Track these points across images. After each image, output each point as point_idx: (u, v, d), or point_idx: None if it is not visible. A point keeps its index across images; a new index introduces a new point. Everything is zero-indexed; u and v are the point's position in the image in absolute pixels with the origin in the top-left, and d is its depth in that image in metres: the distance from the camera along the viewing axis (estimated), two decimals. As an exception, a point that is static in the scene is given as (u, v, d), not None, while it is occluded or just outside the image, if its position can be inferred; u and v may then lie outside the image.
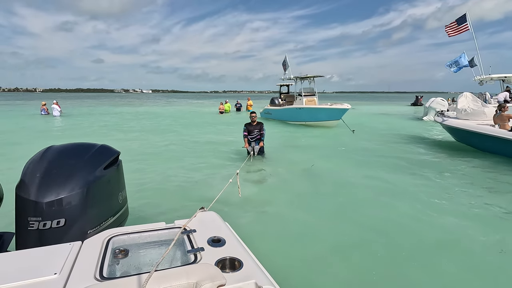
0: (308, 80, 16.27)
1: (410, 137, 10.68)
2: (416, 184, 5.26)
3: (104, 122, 16.08)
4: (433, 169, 6.16)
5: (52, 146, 2.08)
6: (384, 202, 4.35)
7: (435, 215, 3.85)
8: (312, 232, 3.44)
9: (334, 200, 4.51)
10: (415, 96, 38.90)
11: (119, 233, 1.43)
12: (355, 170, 6.25)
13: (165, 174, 5.74)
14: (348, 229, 3.50)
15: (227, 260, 1.21)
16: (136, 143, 9.25)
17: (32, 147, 1.89)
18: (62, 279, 1.08)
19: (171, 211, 3.75)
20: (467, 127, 7.58)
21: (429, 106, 18.19)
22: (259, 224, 3.65)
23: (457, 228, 3.53)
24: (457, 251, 3.04)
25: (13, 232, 1.87)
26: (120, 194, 2.21)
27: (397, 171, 6.05)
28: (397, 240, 3.24)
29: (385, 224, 3.60)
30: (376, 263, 2.75)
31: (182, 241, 1.39)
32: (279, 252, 2.95)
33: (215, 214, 1.71)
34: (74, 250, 1.30)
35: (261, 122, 7.05)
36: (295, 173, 6.01)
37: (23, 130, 12.56)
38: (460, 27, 13.49)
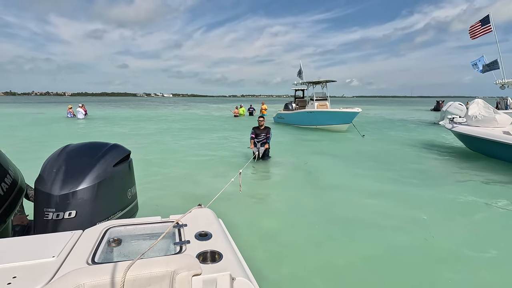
0: (320, 85, 16.35)
1: (420, 142, 10.53)
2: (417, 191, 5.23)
3: (122, 125, 16.88)
4: (438, 176, 6.14)
5: (69, 145, 2.28)
6: (380, 208, 4.38)
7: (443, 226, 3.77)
8: (298, 233, 3.58)
9: (331, 204, 4.61)
10: (435, 101, 37.70)
11: (117, 225, 1.53)
12: (356, 173, 6.33)
13: (172, 172, 6.06)
14: (343, 233, 3.55)
15: (208, 252, 1.26)
16: (149, 144, 9.71)
17: (53, 146, 2.19)
18: (58, 262, 1.19)
19: (171, 206, 4.04)
20: (476, 133, 7.44)
21: (446, 110, 17.72)
22: (254, 220, 3.86)
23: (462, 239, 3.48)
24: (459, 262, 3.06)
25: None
26: (130, 190, 2.33)
27: (401, 178, 6.01)
28: (388, 241, 3.34)
29: (380, 230, 3.64)
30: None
31: (172, 234, 1.46)
32: (266, 248, 3.11)
33: (209, 211, 1.75)
34: (74, 238, 1.41)
35: (268, 127, 7.32)
36: (296, 175, 6.18)
37: (50, 131, 13.49)
38: (482, 29, 13.16)
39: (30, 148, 8.75)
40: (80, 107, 20.94)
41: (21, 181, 2.26)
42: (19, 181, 2.22)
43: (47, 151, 2.22)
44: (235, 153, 8.27)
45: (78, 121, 18.78)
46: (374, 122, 19.71)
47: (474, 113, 8.09)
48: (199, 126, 16.41)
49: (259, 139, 7.18)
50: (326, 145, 10.55)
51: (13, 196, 2.08)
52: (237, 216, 3.84)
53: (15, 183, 2.13)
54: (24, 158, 5.77)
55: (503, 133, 7.01)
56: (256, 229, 3.61)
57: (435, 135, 12.92)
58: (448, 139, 11.49)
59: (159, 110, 33.54)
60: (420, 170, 6.68)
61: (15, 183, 2.13)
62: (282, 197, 4.81)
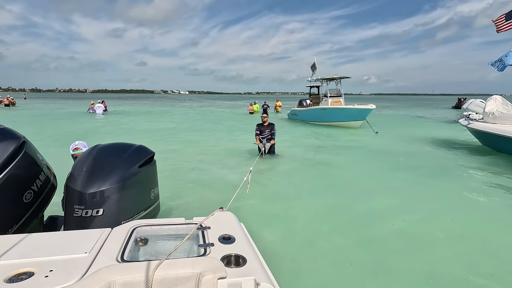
0: (335, 81, 16.24)
1: (437, 140, 10.31)
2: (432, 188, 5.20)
3: (138, 121, 17.46)
4: (453, 174, 6.05)
5: (98, 145, 2.39)
6: (395, 205, 4.36)
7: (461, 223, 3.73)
8: (318, 232, 3.51)
9: (344, 199, 4.57)
10: (457, 98, 36.37)
11: (143, 224, 1.59)
12: (369, 169, 6.37)
13: (186, 171, 6.18)
14: (357, 229, 3.51)
15: (233, 256, 1.28)
16: (163, 142, 9.98)
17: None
18: (90, 258, 1.25)
19: (187, 207, 4.09)
20: (491, 130, 7.26)
21: (467, 108, 17.12)
22: (267, 221, 3.78)
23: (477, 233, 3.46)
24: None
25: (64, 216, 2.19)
26: (153, 191, 2.40)
27: (414, 175, 5.95)
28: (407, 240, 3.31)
29: (397, 227, 3.59)
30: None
31: (196, 236, 1.50)
32: (285, 251, 3.04)
33: (231, 215, 1.78)
34: (104, 235, 1.48)
35: (272, 123, 7.41)
36: (306, 170, 6.29)
37: (74, 128, 14.17)
38: (508, 23, 12.64)
39: (56, 143, 9.29)
40: (100, 103, 21.87)
41: (53, 178, 2.41)
42: (52, 178, 2.37)
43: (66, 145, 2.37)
44: (244, 149, 8.43)
45: (98, 116, 19.60)
46: (390, 119, 19.35)
47: (491, 109, 7.88)
48: (213, 123, 16.71)
49: (264, 136, 7.28)
50: (339, 141, 10.55)
51: (46, 192, 2.23)
52: (252, 217, 3.74)
53: (48, 180, 2.28)
54: (49, 152, 6.11)
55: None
56: (274, 231, 3.51)
57: (452, 132, 12.58)
58: (466, 136, 11.18)
59: (175, 108, 34.24)
60: (433, 166, 6.61)
61: (48, 180, 2.28)
62: (297, 195, 4.78)
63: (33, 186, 2.09)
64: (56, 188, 2.40)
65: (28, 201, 2.04)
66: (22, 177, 2.00)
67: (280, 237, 3.38)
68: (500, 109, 7.79)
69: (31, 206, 2.07)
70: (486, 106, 8.16)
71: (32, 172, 2.11)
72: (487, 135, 7.70)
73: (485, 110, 8.16)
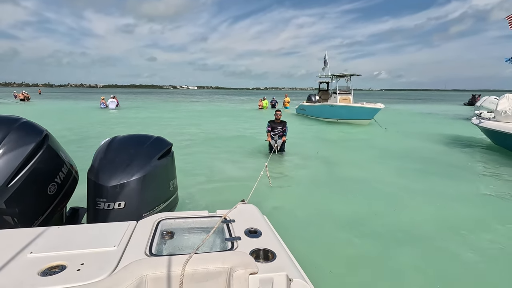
0: (345, 78, 16.16)
1: (445, 137, 10.22)
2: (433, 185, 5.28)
3: (149, 116, 17.75)
4: (462, 172, 6.07)
5: (116, 137, 2.38)
6: (403, 202, 4.46)
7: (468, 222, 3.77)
8: (340, 225, 3.60)
9: (356, 195, 4.67)
10: (471, 94, 35.51)
11: (167, 217, 1.60)
12: (377, 165, 6.44)
13: (202, 166, 6.35)
14: (380, 226, 3.58)
15: (261, 251, 1.27)
16: (175, 137, 10.25)
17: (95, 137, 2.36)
18: (119, 251, 1.27)
19: (204, 200, 4.24)
20: (504, 129, 7.19)
21: (481, 105, 16.76)
22: (288, 213, 3.86)
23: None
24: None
25: (85, 208, 2.22)
26: (171, 183, 2.40)
27: (423, 172, 6.01)
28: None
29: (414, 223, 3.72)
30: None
31: (221, 229, 1.50)
32: (311, 245, 3.06)
33: (254, 207, 1.79)
34: (130, 228, 1.49)
35: (284, 121, 7.41)
36: (315, 165, 6.41)
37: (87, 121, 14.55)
38: (521, 19, 12.33)
39: (76, 136, 9.62)
40: (112, 97, 22.28)
41: (75, 170, 2.43)
42: (74, 170, 2.40)
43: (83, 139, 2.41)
44: (256, 145, 8.57)
45: (111, 111, 19.98)
46: (400, 116, 19.13)
47: (504, 108, 7.78)
48: (222, 118, 16.85)
49: (275, 132, 7.30)
50: (347, 137, 10.59)
51: (68, 184, 2.26)
52: (271, 208, 3.84)
53: (70, 172, 2.31)
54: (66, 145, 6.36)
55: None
56: (296, 226, 3.54)
57: (463, 130, 12.40)
58: (476, 135, 11.05)
59: (184, 103, 34.54)
60: (440, 164, 6.63)
61: (70, 172, 2.31)
62: (309, 190, 4.92)
63: (57, 178, 2.11)
64: (78, 180, 2.43)
65: (52, 193, 2.07)
66: (46, 170, 2.03)
67: (302, 233, 3.37)
68: (513, 107, 7.70)
69: (55, 198, 2.11)
70: (498, 104, 8.06)
71: (55, 165, 2.14)
72: (499, 134, 7.63)
73: (497, 108, 8.06)
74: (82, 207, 2.46)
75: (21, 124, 2.01)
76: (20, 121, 2.03)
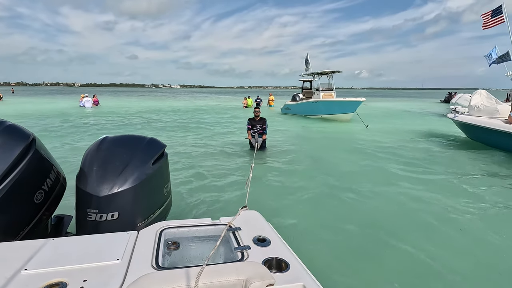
0: (327, 75, 16.45)
1: (423, 133, 10.65)
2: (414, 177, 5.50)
3: (131, 115, 17.37)
4: (436, 165, 6.33)
5: (106, 137, 2.22)
6: (381, 193, 4.66)
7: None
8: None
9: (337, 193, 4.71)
10: (447, 92, 37.11)
11: (170, 226, 1.53)
12: (359, 161, 6.61)
13: (185, 166, 6.27)
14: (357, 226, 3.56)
15: (274, 260, 1.22)
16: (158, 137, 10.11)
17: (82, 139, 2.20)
18: (124, 264, 1.19)
19: (195, 204, 4.14)
20: (477, 122, 7.58)
21: (456, 102, 17.56)
22: (286, 217, 3.77)
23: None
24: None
25: (71, 216, 2.09)
26: (166, 187, 2.29)
27: (400, 165, 6.25)
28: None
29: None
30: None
31: (228, 238, 1.44)
32: (316, 251, 2.96)
33: (257, 214, 1.73)
34: (132, 239, 1.41)
35: (264, 118, 7.40)
36: (299, 164, 6.49)
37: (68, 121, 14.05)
38: (495, 19, 12.95)
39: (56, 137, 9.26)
40: (87, 96, 21.84)
41: (63, 177, 2.28)
42: (61, 176, 2.25)
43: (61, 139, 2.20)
44: (237, 143, 8.57)
45: (88, 110, 19.56)
46: (380, 113, 19.71)
47: (477, 103, 8.21)
48: (205, 117, 16.74)
49: (255, 130, 7.28)
50: (330, 134, 10.80)
51: (56, 191, 2.12)
52: (269, 214, 3.74)
53: (58, 178, 2.16)
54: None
55: (504, 122, 7.14)
56: (293, 229, 3.43)
57: (440, 126, 12.98)
58: (451, 129, 11.57)
59: (167, 101, 33.97)
60: (418, 158, 6.89)
61: (58, 178, 2.16)
62: (298, 189, 4.88)
63: (44, 185, 1.99)
64: (66, 186, 2.28)
65: (39, 202, 1.93)
66: (33, 176, 1.89)
67: (305, 238, 3.28)
68: (485, 102, 8.13)
69: (42, 207, 1.97)
70: (471, 100, 8.49)
71: (43, 171, 2.01)
72: (472, 128, 8.03)
73: (470, 103, 8.49)
74: (68, 215, 2.33)
75: (6, 127, 1.87)
76: (4, 124, 1.89)
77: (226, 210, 3.98)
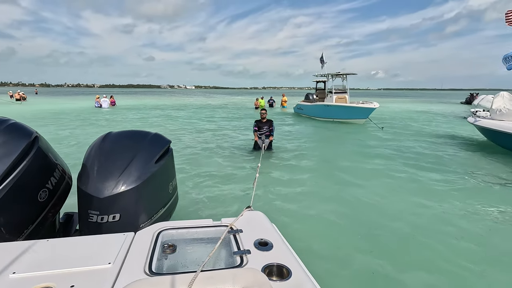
0: (341, 77, 16.15)
1: (441, 136, 10.25)
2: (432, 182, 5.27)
3: (143, 114, 17.68)
4: (455, 168, 6.07)
5: (110, 133, 2.16)
6: (397, 197, 4.50)
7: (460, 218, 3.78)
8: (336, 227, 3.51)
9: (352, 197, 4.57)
10: (469, 93, 35.56)
11: (168, 227, 1.47)
12: (373, 165, 6.41)
13: (193, 165, 6.32)
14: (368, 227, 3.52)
15: (275, 266, 1.16)
16: (167, 135, 10.22)
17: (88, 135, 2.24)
18: (115, 269, 1.15)
19: (199, 204, 4.14)
20: (499, 127, 7.20)
21: (478, 104, 16.78)
22: (291, 218, 3.71)
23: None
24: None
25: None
26: (171, 184, 2.22)
27: (417, 169, 6.03)
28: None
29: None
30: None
31: (228, 241, 1.38)
32: (321, 256, 2.87)
33: (262, 214, 1.66)
34: (127, 241, 1.36)
35: (271, 120, 7.34)
36: (309, 165, 6.38)
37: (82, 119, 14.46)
38: (517, 17, 12.35)
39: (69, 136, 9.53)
40: (105, 97, 22.50)
41: (68, 175, 2.26)
42: (67, 175, 2.23)
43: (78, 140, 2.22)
44: (246, 144, 8.52)
45: (104, 110, 20.14)
46: (396, 115, 19.16)
47: (499, 106, 7.80)
48: (216, 118, 16.80)
49: (262, 132, 7.21)
50: (343, 135, 10.61)
51: (61, 190, 2.10)
52: (272, 215, 3.68)
53: (63, 177, 2.13)
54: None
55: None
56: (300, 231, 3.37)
57: (458, 129, 12.46)
58: (472, 133, 11.08)
59: (182, 101, 34.40)
60: (434, 162, 6.61)
61: (63, 177, 2.13)
62: (309, 190, 4.81)
63: (48, 184, 1.96)
64: (72, 185, 2.26)
65: (43, 200, 1.92)
66: (36, 174, 1.87)
67: (310, 239, 3.19)
68: (508, 105, 7.71)
69: (47, 205, 1.96)
70: (493, 102, 8.08)
71: (46, 169, 1.98)
72: (494, 133, 7.64)
73: (492, 107, 8.08)
74: (77, 212, 2.34)
75: (9, 126, 1.86)
76: (7, 122, 1.88)
77: (229, 210, 3.96)
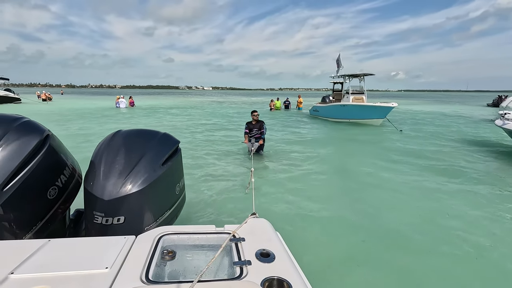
0: (358, 78, 15.76)
1: (469, 141, 9.73)
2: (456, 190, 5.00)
3: (157, 114, 18.00)
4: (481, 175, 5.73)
5: (119, 131, 2.15)
6: (409, 205, 4.32)
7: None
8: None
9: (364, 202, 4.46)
10: (497, 95, 33.73)
11: (170, 232, 1.45)
12: (389, 169, 6.16)
13: (195, 166, 6.30)
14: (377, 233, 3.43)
15: (275, 280, 1.12)
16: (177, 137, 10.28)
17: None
18: (111, 274, 1.13)
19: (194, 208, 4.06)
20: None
21: (507, 106, 15.88)
22: (294, 226, 3.64)
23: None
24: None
25: None
26: (178, 185, 2.20)
27: (438, 175, 5.74)
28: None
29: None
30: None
31: (229, 250, 1.35)
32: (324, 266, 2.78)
33: (266, 223, 1.61)
34: (127, 245, 1.34)
35: (261, 121, 7.14)
36: (320, 169, 6.21)
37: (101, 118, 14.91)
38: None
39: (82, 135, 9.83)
40: (122, 98, 23.04)
41: (78, 173, 2.26)
42: (77, 173, 2.24)
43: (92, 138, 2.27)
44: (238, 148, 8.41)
45: (122, 110, 20.77)
46: (417, 117, 18.45)
47: (530, 108, 7.28)
48: (225, 119, 16.80)
49: (252, 134, 7.01)
50: (358, 137, 10.29)
51: (71, 188, 2.11)
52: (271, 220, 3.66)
53: (73, 175, 2.15)
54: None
55: None
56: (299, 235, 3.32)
57: (486, 133, 11.77)
58: (500, 136, 10.44)
59: (194, 102, 34.83)
60: (458, 169, 6.27)
61: (73, 175, 2.15)
62: (310, 195, 4.71)
63: (58, 181, 1.98)
64: (82, 183, 2.22)
65: (52, 198, 1.94)
66: (46, 172, 1.89)
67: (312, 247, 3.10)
68: (540, 108, 7.19)
69: (56, 203, 1.97)
70: (523, 104, 7.56)
71: (57, 167, 2.00)
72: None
73: (522, 109, 7.57)
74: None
75: (22, 123, 1.88)
76: (21, 120, 1.91)
77: (233, 216, 3.86)
